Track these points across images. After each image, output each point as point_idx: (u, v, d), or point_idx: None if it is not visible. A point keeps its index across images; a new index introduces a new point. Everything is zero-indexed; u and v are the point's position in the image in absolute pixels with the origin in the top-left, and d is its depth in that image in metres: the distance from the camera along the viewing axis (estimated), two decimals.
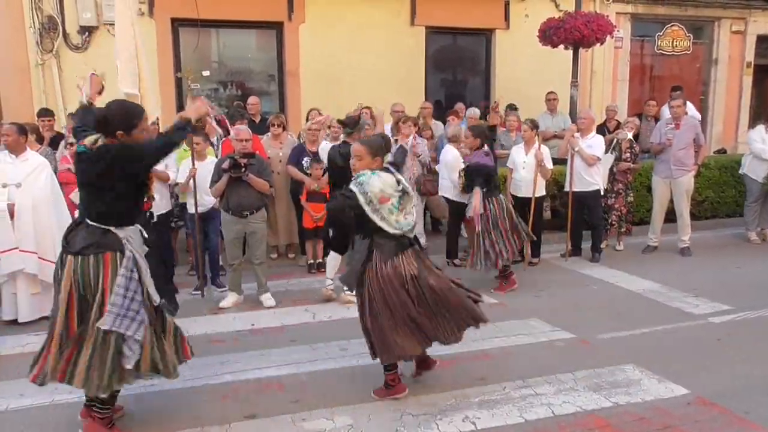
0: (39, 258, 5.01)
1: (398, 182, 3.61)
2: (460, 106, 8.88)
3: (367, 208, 3.48)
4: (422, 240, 7.36)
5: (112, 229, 3.14)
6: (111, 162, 3.05)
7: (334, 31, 9.24)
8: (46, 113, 7.22)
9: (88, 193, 3.19)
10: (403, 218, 3.60)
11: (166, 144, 3.22)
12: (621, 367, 4.19)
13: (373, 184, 3.50)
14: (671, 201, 7.34)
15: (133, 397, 3.67)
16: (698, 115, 8.82)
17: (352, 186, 3.54)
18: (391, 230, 3.54)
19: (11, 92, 8.36)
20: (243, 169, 5.29)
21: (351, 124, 5.52)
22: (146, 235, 3.37)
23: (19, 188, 5.00)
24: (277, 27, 9.30)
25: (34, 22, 8.22)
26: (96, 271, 3.06)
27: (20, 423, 3.56)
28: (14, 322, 5.06)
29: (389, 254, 3.56)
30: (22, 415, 3.65)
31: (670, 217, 7.47)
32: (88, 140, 3.14)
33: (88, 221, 3.13)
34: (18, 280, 5.03)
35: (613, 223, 7.34)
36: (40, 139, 6.53)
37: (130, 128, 3.12)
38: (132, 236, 3.21)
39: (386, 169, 3.66)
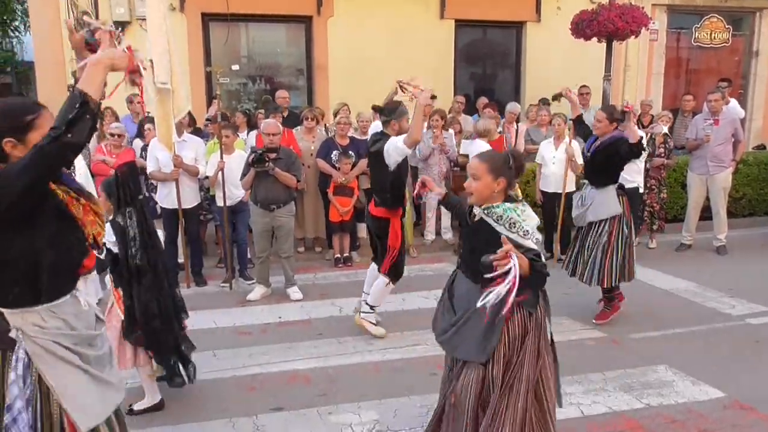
0: None
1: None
2: (482, 101, 8.73)
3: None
4: (449, 236, 7.38)
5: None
6: None
7: (363, 25, 9.21)
8: None
9: None
10: None
11: (42, 149, 1.87)
12: (653, 367, 4.09)
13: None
14: (707, 198, 7.14)
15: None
16: (742, 113, 8.53)
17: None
18: None
19: (48, 86, 8.56)
20: (267, 163, 5.32)
21: (387, 111, 4.53)
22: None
23: None
24: (306, 21, 9.31)
25: (69, 18, 8.38)
26: None
27: None
28: None
29: None
30: None
31: (705, 214, 7.27)
32: None
33: None
34: None
35: (645, 219, 7.18)
36: None
37: (22, 130, 1.97)
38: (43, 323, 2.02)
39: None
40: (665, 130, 7.18)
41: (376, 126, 5.40)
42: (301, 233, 7.03)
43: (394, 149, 4.27)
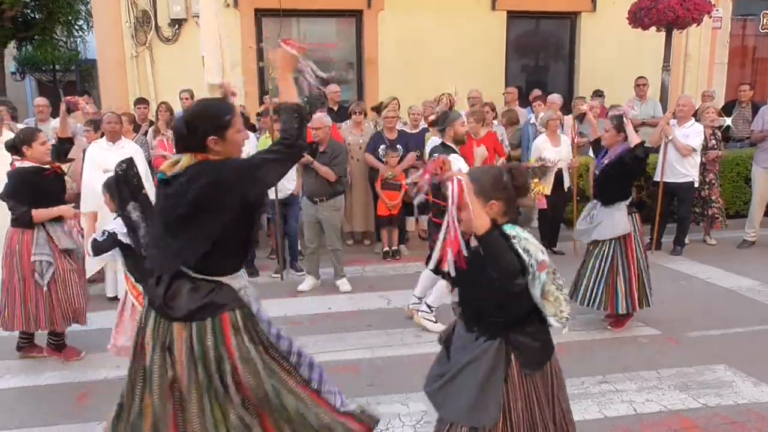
0: None
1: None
2: (536, 93, 8.57)
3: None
4: None
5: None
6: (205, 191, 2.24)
7: (414, 18, 9.19)
8: (141, 102, 7.67)
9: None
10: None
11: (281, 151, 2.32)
12: (711, 367, 3.95)
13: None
14: None
15: None
16: None
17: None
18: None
19: (110, 83, 8.93)
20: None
21: (440, 120, 4.64)
22: None
23: None
24: (357, 15, 9.36)
25: (129, 17, 8.72)
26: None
27: (116, 391, 3.82)
28: (116, 298, 5.43)
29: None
30: (118, 384, 3.92)
31: None
32: (167, 164, 2.36)
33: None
34: (118, 260, 5.38)
35: (717, 216, 6.87)
36: (136, 127, 6.94)
37: (223, 128, 2.30)
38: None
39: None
40: (729, 122, 6.87)
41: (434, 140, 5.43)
42: (349, 226, 7.11)
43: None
